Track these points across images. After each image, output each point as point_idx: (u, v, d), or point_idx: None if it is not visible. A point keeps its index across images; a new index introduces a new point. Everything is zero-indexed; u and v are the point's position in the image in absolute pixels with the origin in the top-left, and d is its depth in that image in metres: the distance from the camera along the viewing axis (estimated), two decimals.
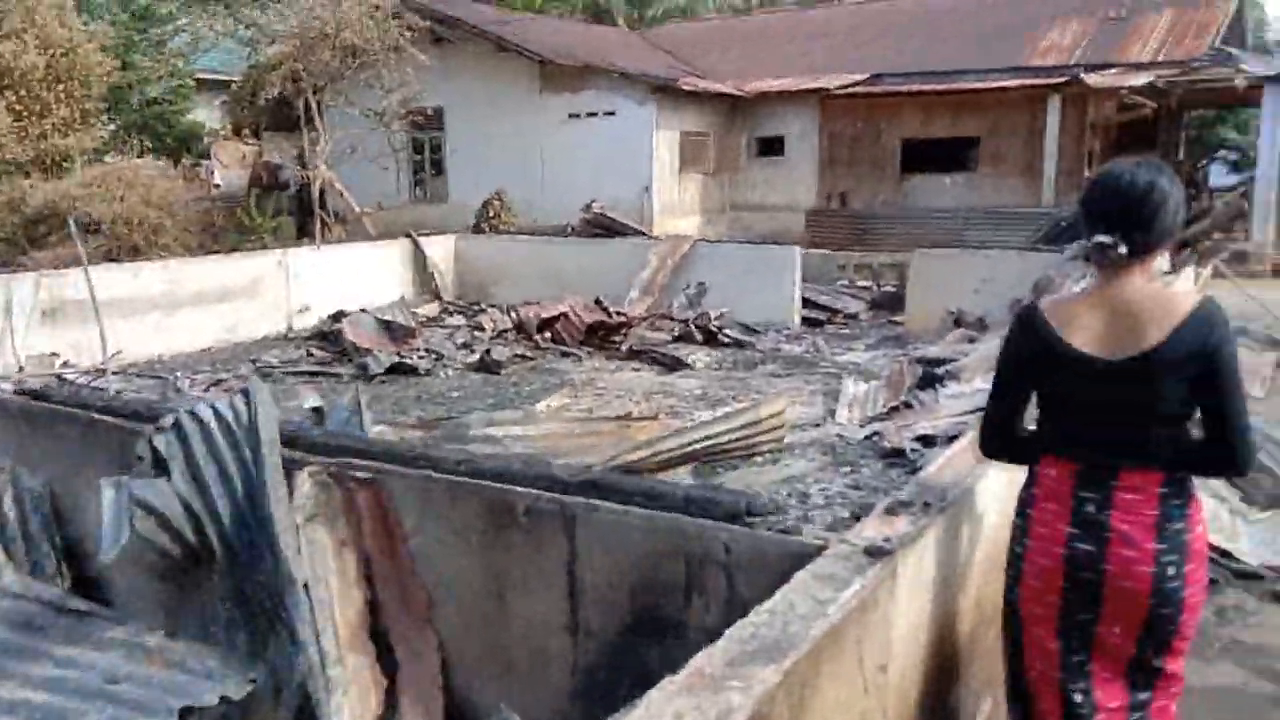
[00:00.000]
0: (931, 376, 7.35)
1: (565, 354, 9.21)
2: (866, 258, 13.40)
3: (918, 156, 18.15)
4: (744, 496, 2.35)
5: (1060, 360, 2.27)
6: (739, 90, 19.09)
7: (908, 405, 6.90)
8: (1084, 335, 2.26)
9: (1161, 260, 2.37)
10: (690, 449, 5.45)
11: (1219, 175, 24.13)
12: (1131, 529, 2.21)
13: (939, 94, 17.40)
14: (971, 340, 9.09)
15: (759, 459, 5.81)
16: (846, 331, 10.89)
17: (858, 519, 4.71)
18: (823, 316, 11.18)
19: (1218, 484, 5.46)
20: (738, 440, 5.69)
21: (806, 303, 11.21)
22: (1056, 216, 10.36)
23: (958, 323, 9.43)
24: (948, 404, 6.67)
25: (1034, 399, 2.41)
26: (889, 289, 11.96)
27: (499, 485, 2.53)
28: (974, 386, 7.00)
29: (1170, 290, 2.37)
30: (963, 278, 9.87)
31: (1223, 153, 23.85)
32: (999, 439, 2.47)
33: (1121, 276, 2.24)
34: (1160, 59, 17.13)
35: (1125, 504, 2.22)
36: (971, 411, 6.40)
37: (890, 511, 2.37)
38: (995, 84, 16.95)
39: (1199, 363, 2.17)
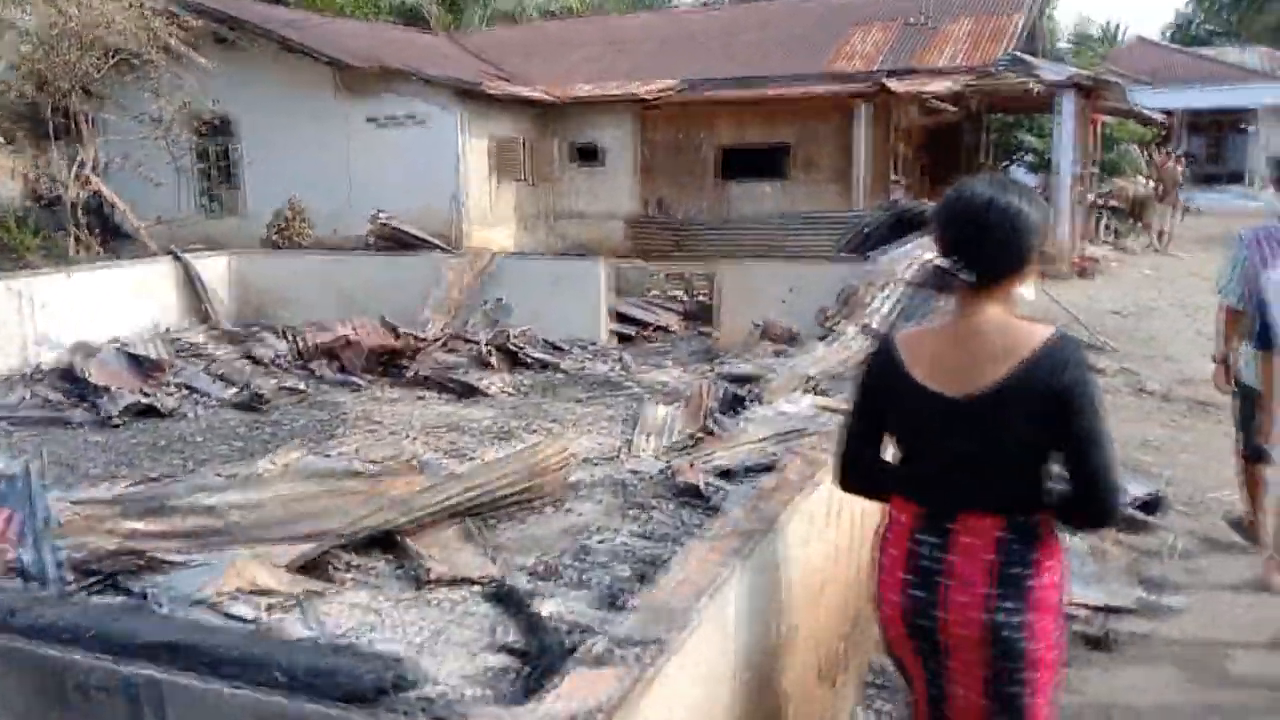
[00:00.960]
0: (735, 397, 6.86)
1: (345, 384, 8.31)
2: (680, 267, 12.98)
3: (736, 163, 17.98)
4: (380, 664, 1.64)
5: (904, 394, 2.15)
6: (551, 96, 18.45)
7: (708, 432, 6.38)
8: (929, 369, 2.11)
9: (1025, 289, 2.15)
10: (455, 503, 4.73)
11: (1020, 177, 25.15)
12: (965, 573, 2.08)
13: (752, 101, 17.24)
14: (780, 353, 8.72)
15: (541, 506, 5.14)
16: (658, 346, 10.39)
17: (642, 580, 4.11)
18: (634, 331, 10.65)
19: None
20: (515, 487, 5.00)
21: (617, 316, 10.66)
22: (860, 223, 10.15)
23: (766, 335, 9.06)
24: (750, 429, 6.18)
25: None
26: (702, 299, 11.55)
27: (41, 650, 1.74)
28: (777, 409, 6.54)
29: (1023, 323, 2.11)
30: (770, 288, 9.51)
31: (1020, 155, 24.82)
32: (851, 472, 2.35)
33: (973, 306, 2.09)
34: (960, 65, 17.49)
35: (962, 547, 2.09)
36: (778, 436, 5.92)
37: (599, 661, 1.71)
38: (805, 90, 16.91)
39: (1049, 403, 2.00)
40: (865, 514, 3.04)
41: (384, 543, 4.53)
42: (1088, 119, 17.79)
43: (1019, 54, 17.67)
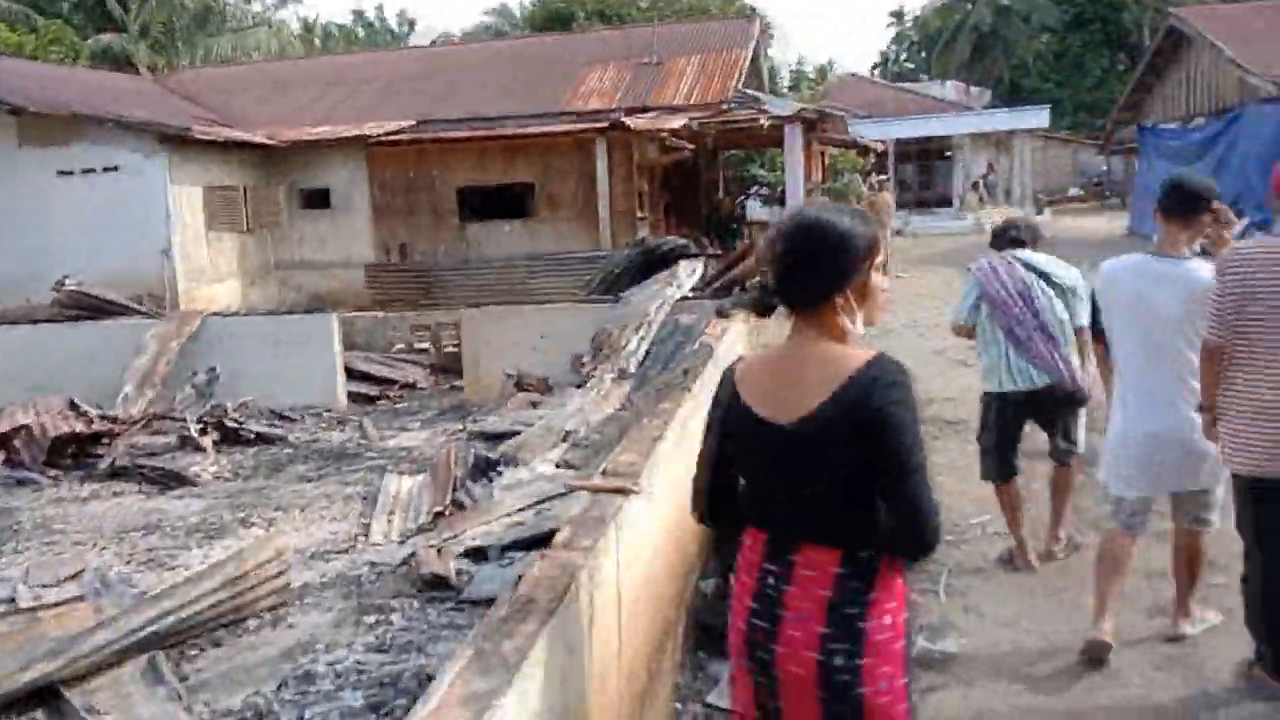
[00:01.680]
0: (487, 462, 6.22)
1: (20, 482, 6.99)
2: (424, 316, 12.20)
3: (477, 204, 17.40)
4: None
5: (740, 422, 2.13)
6: (273, 139, 17.18)
7: (458, 505, 5.71)
8: (760, 395, 2.10)
9: (847, 322, 2.08)
10: (141, 635, 3.82)
11: (756, 209, 26.10)
12: (801, 608, 2.03)
13: (489, 139, 16.75)
14: (536, 405, 8.18)
15: (254, 621, 4.28)
16: (405, 405, 9.60)
17: (377, 712, 3.38)
18: (376, 390, 9.80)
19: None
20: (218, 605, 4.14)
21: (354, 375, 9.77)
22: (609, 263, 9.85)
23: (519, 386, 8.50)
24: (505, 498, 5.57)
25: None
26: (451, 350, 10.85)
27: None
28: (536, 471, 5.97)
29: (844, 348, 2.07)
30: (521, 335, 9.00)
31: (755, 188, 25.77)
32: (706, 502, 2.28)
33: (799, 331, 2.09)
34: (694, 103, 17.79)
35: (801, 580, 2.04)
36: (536, 504, 5.34)
37: None
38: (543, 129, 16.62)
39: (862, 430, 1.95)
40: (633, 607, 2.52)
41: (44, 698, 3.57)
42: (813, 151, 18.58)
43: (748, 91, 18.24)
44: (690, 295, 8.87)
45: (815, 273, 2.04)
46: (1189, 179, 3.89)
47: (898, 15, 55.55)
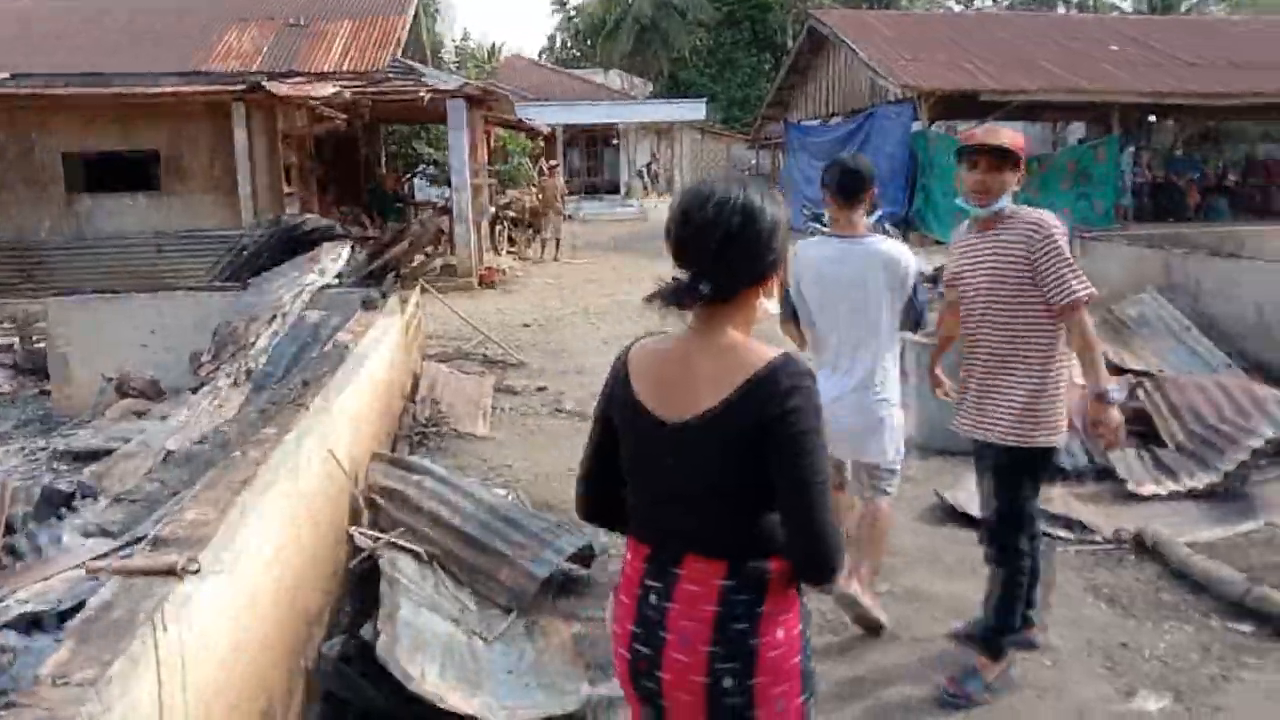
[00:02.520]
0: (58, 494, 4.95)
1: None
2: (8, 306, 10.15)
3: (92, 173, 14.98)
4: None
5: (627, 414, 1.91)
6: None
7: (13, 553, 4.44)
8: (651, 387, 1.89)
9: (768, 301, 1.90)
10: None
11: (424, 189, 24.95)
12: (687, 628, 1.82)
13: (103, 100, 14.42)
14: (142, 414, 6.85)
15: None
16: None
17: None
18: None
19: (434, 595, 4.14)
20: None
21: None
22: (239, 244, 8.55)
23: (121, 391, 7.10)
24: (74, 545, 4.39)
25: None
26: (39, 346, 9.02)
27: None
28: (122, 498, 4.79)
29: (751, 344, 1.85)
30: (126, 328, 7.54)
31: (423, 167, 24.63)
32: (588, 498, 2.06)
33: (706, 320, 1.85)
34: (345, 70, 16.44)
35: (685, 596, 1.83)
36: (113, 552, 4.20)
37: None
38: (172, 89, 14.56)
39: (756, 435, 1.77)
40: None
41: None
42: (480, 131, 17.84)
43: (408, 62, 17.12)
44: (336, 283, 7.85)
45: (746, 257, 1.83)
46: (851, 161, 3.93)
47: (561, 2, 55.98)
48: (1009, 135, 3.39)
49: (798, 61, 25.44)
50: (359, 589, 4.17)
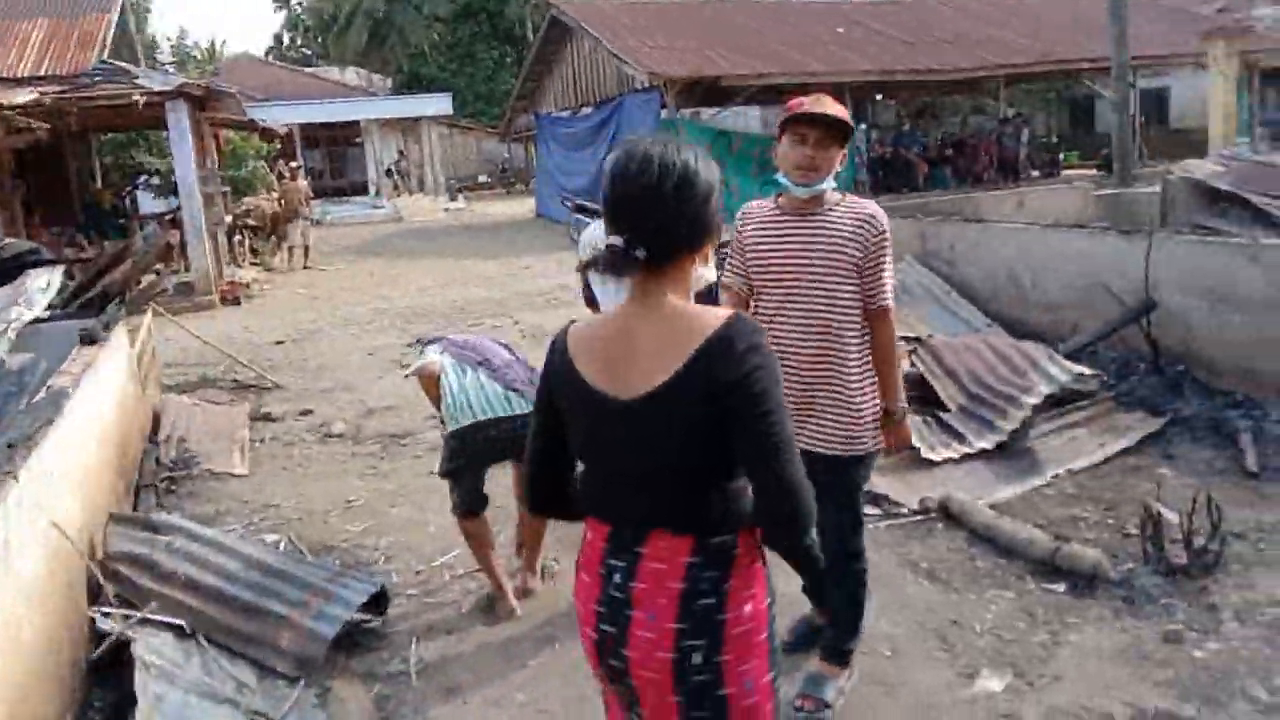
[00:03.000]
0: None
1: None
2: None
3: None
4: None
5: (574, 396, 1.85)
6: None
7: None
8: (596, 366, 1.83)
9: (705, 268, 1.85)
10: None
11: (148, 202, 22.81)
12: (652, 604, 1.79)
13: None
14: None
15: None
16: None
17: None
18: None
19: None
20: None
21: None
22: None
23: None
24: None
25: None
26: None
27: None
28: None
29: (695, 310, 1.80)
30: None
31: (144, 178, 22.51)
32: (536, 488, 2.01)
33: (644, 290, 1.79)
34: (44, 74, 14.62)
35: (649, 574, 1.80)
36: None
37: None
38: None
39: (718, 401, 1.72)
40: None
41: None
42: (207, 134, 16.39)
43: (117, 63, 15.44)
44: (48, 315, 6.77)
45: (677, 220, 1.77)
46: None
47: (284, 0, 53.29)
48: (836, 106, 3.02)
49: (542, 52, 25.19)
50: (114, 679, 3.48)
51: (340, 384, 8.65)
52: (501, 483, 4.59)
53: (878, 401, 3.14)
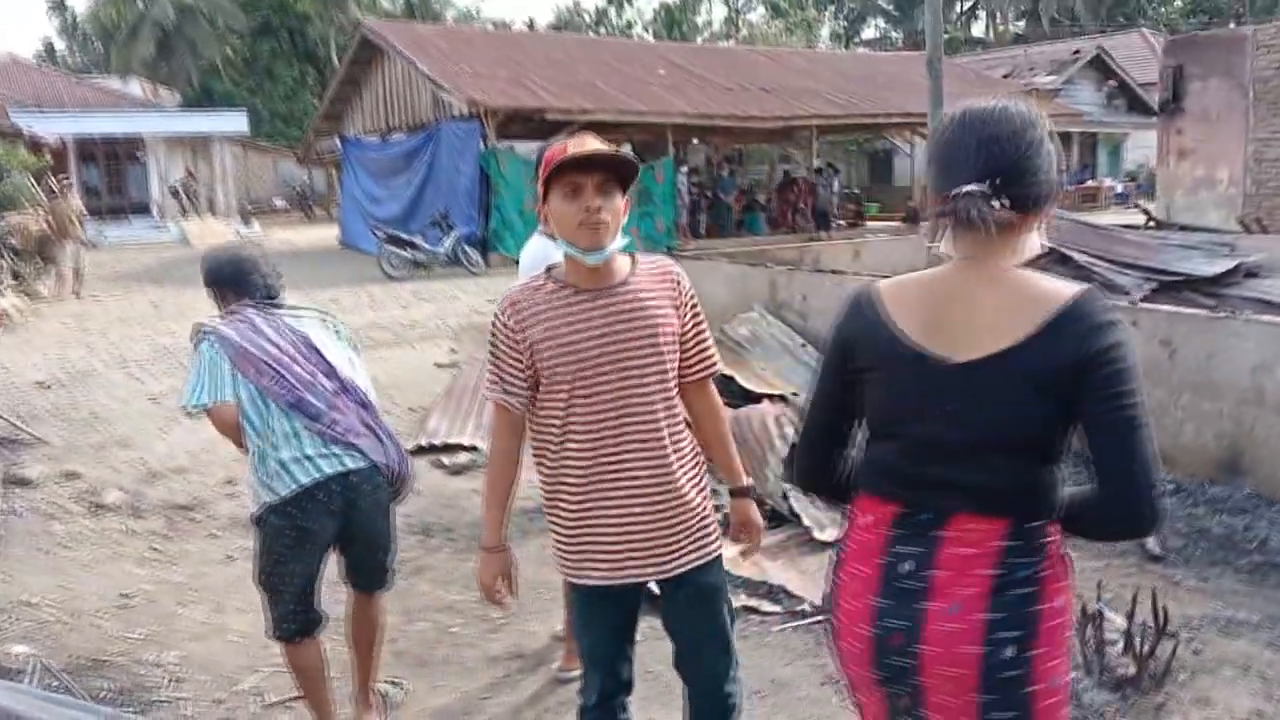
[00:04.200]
0: None
1: None
2: None
3: None
4: None
5: (886, 357, 1.71)
6: None
7: None
8: (920, 323, 1.69)
9: (1037, 235, 1.69)
10: None
11: None
12: (955, 594, 1.63)
13: None
14: None
15: None
16: None
17: None
18: None
19: None
20: None
21: None
22: None
23: None
24: None
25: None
26: None
27: None
28: None
29: (1041, 276, 1.66)
30: None
31: None
32: (813, 464, 1.89)
33: (986, 251, 1.65)
34: None
35: (953, 560, 1.64)
36: None
37: None
38: None
39: (1074, 375, 1.58)
40: None
41: None
42: None
43: None
44: None
45: (1040, 173, 1.66)
46: None
47: (59, 3, 49.12)
48: (602, 143, 2.37)
49: (351, 73, 23.89)
50: None
51: (116, 439, 7.37)
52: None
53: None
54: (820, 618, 4.07)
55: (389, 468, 3.26)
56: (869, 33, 59.28)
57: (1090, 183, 31.65)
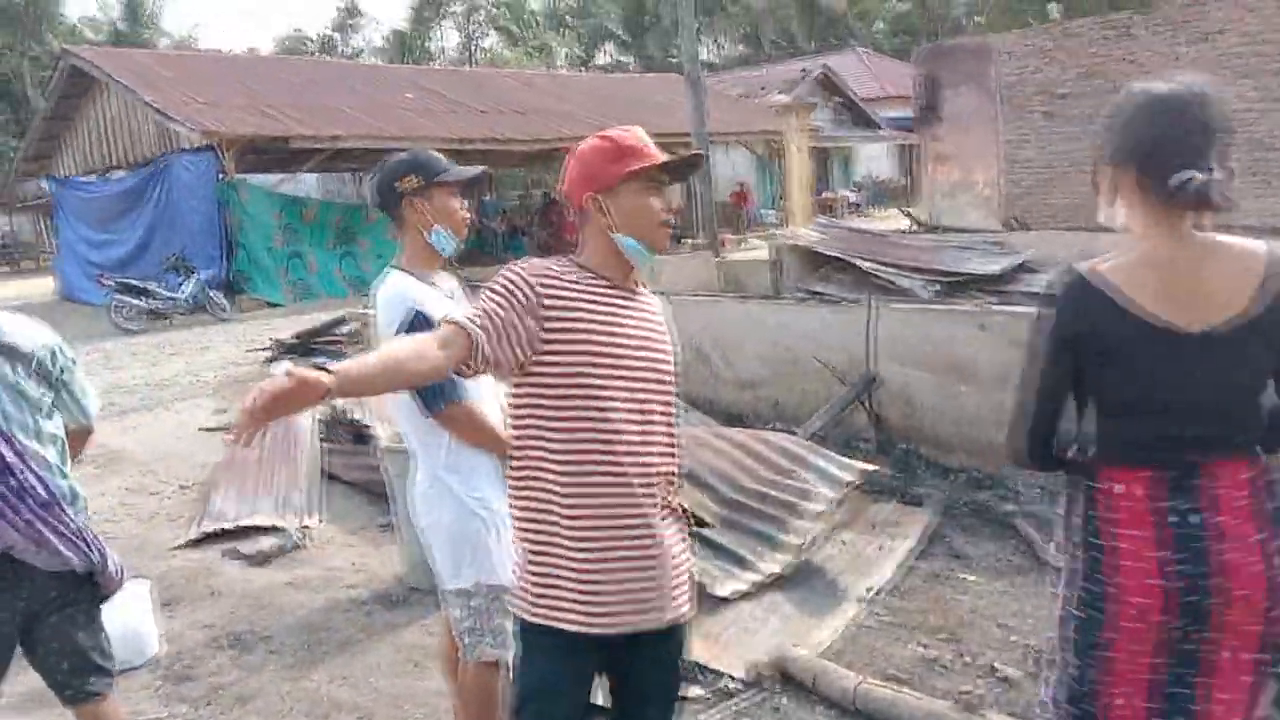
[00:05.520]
0: None
1: None
2: None
3: None
4: None
5: (1122, 335, 1.83)
6: None
7: None
8: (1159, 299, 1.81)
9: None
10: None
11: None
12: (1232, 528, 1.82)
13: None
14: None
15: None
16: None
17: None
18: None
19: None
20: None
21: None
22: None
23: None
24: None
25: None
26: None
27: None
28: None
29: (1227, 237, 1.85)
30: None
31: None
32: (1039, 448, 1.99)
33: (1193, 224, 1.82)
34: None
35: (1228, 504, 1.82)
36: None
37: None
38: None
39: None
40: None
41: None
42: None
43: None
44: None
45: (1227, 152, 1.83)
46: None
47: None
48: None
49: (59, 108, 21.24)
50: None
51: None
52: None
53: None
54: (747, 692, 3.50)
55: (67, 565, 2.56)
56: (602, 58, 60.04)
57: (827, 194, 33.28)
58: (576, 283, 2.08)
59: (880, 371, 5.85)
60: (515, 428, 2.10)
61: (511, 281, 2.03)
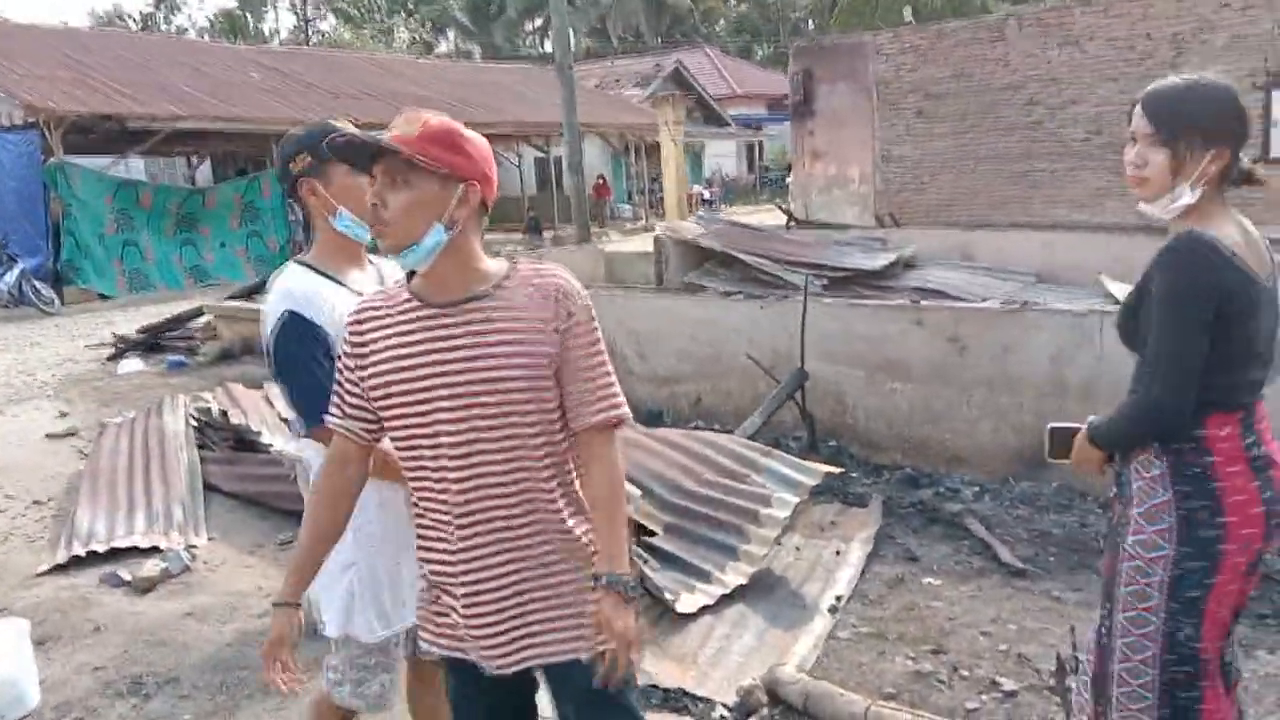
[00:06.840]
0: None
1: None
2: None
3: None
4: None
5: (1253, 295, 2.01)
6: None
7: None
8: (1250, 260, 2.02)
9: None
10: None
11: None
12: (1276, 454, 2.10)
13: None
14: None
15: None
16: None
17: None
18: None
19: None
20: None
21: None
22: None
23: None
24: None
25: None
26: None
27: None
28: None
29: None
30: None
31: None
32: (1183, 408, 2.03)
33: (1224, 197, 2.09)
34: None
35: (1264, 435, 2.10)
36: None
37: None
38: None
39: None
40: None
41: None
42: None
43: None
44: None
45: None
46: None
47: None
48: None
49: None
50: None
51: None
52: None
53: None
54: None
55: None
56: (445, 46, 58.46)
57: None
58: (386, 307, 1.94)
59: (809, 367, 5.68)
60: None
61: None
